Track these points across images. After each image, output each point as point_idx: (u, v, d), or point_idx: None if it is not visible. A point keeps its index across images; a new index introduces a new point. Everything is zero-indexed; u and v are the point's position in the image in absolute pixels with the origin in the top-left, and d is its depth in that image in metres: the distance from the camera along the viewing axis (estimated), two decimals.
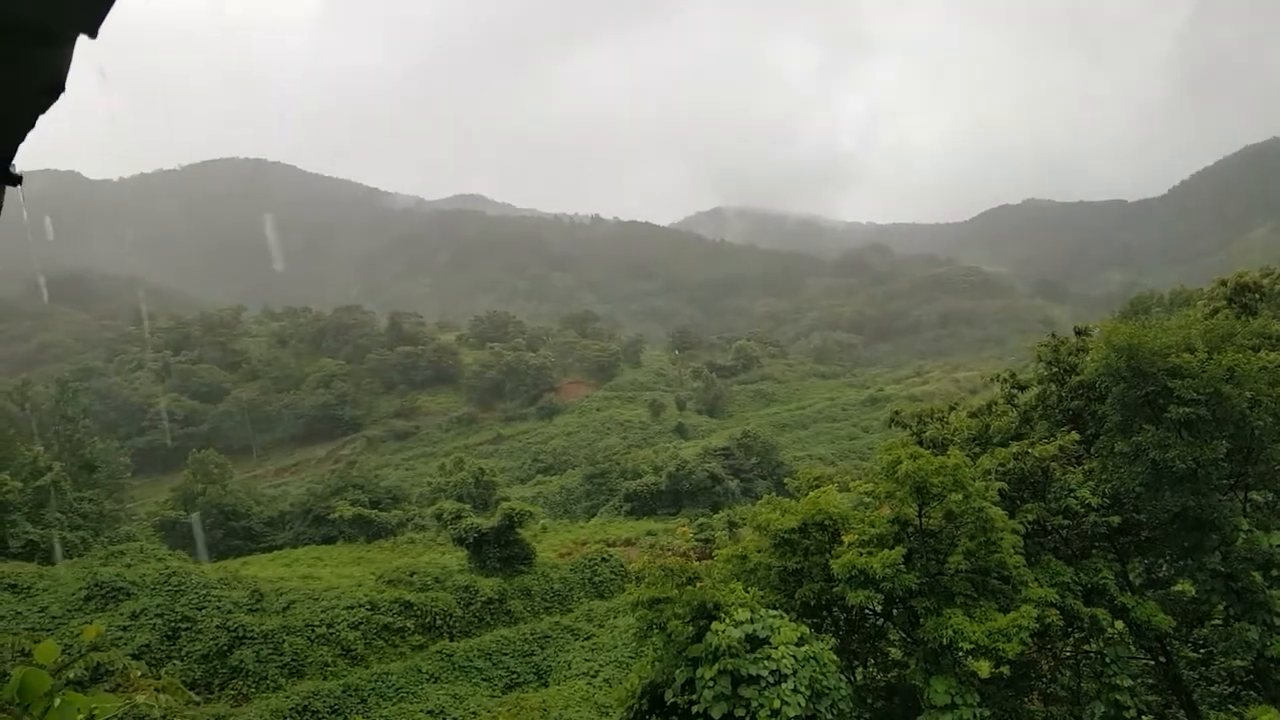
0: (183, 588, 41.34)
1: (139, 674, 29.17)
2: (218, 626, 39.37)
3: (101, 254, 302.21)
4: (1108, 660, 17.32)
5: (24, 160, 2.55)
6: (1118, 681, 17.00)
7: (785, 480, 23.66)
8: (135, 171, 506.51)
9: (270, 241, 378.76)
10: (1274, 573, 18.04)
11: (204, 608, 40.38)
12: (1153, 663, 19.70)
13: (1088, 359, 21.43)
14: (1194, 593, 19.11)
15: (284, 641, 39.91)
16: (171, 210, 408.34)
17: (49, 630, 36.96)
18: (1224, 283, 29.56)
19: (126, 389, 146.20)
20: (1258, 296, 28.73)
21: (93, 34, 2.28)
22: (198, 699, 34.35)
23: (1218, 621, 19.41)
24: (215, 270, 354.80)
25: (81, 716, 2.12)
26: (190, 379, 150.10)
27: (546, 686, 41.17)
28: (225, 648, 38.73)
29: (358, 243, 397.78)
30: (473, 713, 37.03)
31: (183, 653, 37.97)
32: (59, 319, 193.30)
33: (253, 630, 39.80)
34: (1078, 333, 24.86)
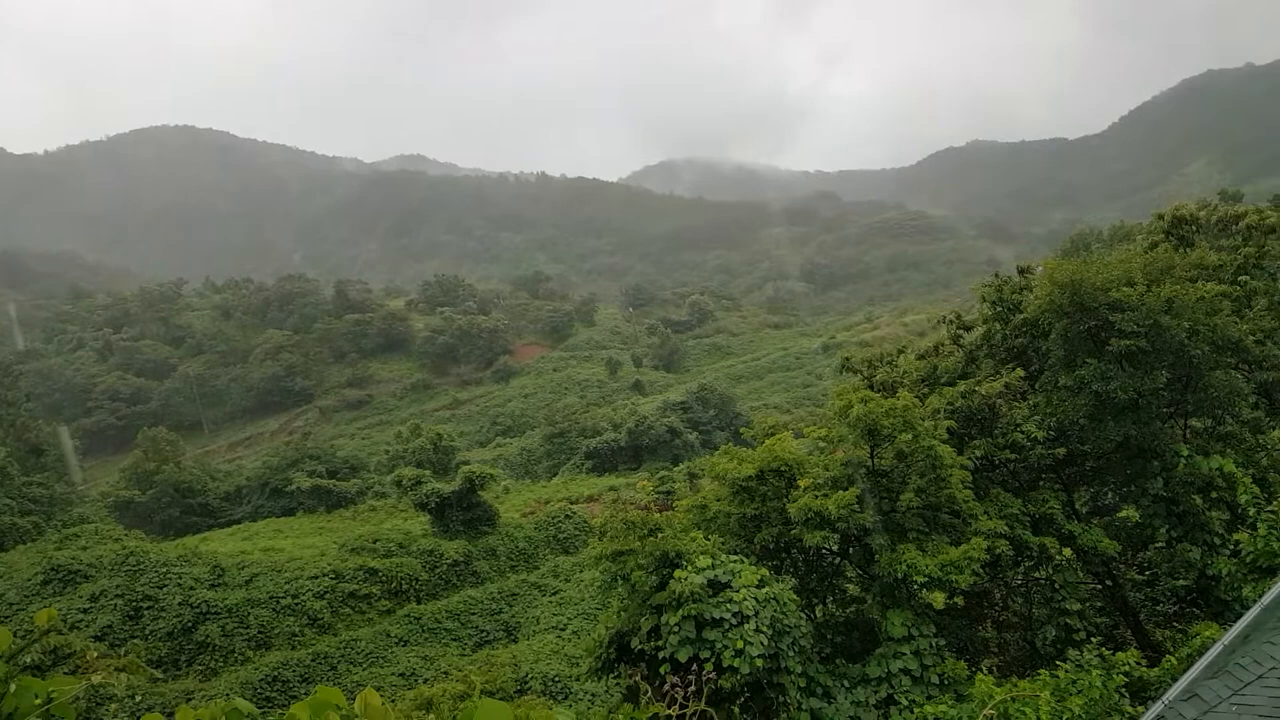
0: (142, 567, 40.83)
1: (95, 655, 28.88)
2: (180, 604, 39.03)
3: (31, 231, 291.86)
4: (1057, 586, 17.93)
5: None
6: (1067, 605, 17.60)
7: (742, 430, 23.94)
8: (61, 143, 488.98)
9: (207, 210, 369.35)
10: (1213, 495, 18.62)
11: (165, 586, 39.97)
12: (1100, 586, 20.40)
13: (1031, 297, 21.85)
14: (1138, 518, 19.77)
15: (249, 614, 39.73)
16: (102, 182, 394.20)
17: (6, 618, 36.36)
18: (1162, 216, 30.23)
19: (69, 370, 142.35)
20: (1194, 228, 29.47)
21: None
22: (161, 675, 34.16)
23: (1161, 544, 20.14)
24: (152, 242, 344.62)
25: (39, 700, 2.13)
26: (134, 356, 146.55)
27: (516, 642, 41.59)
28: (189, 624, 38.46)
29: (298, 209, 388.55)
30: (444, 672, 37.29)
31: (146, 632, 37.62)
32: None
33: (216, 605, 39.55)
34: (1021, 272, 25.31)
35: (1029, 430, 18.94)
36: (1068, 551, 17.82)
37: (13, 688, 2.13)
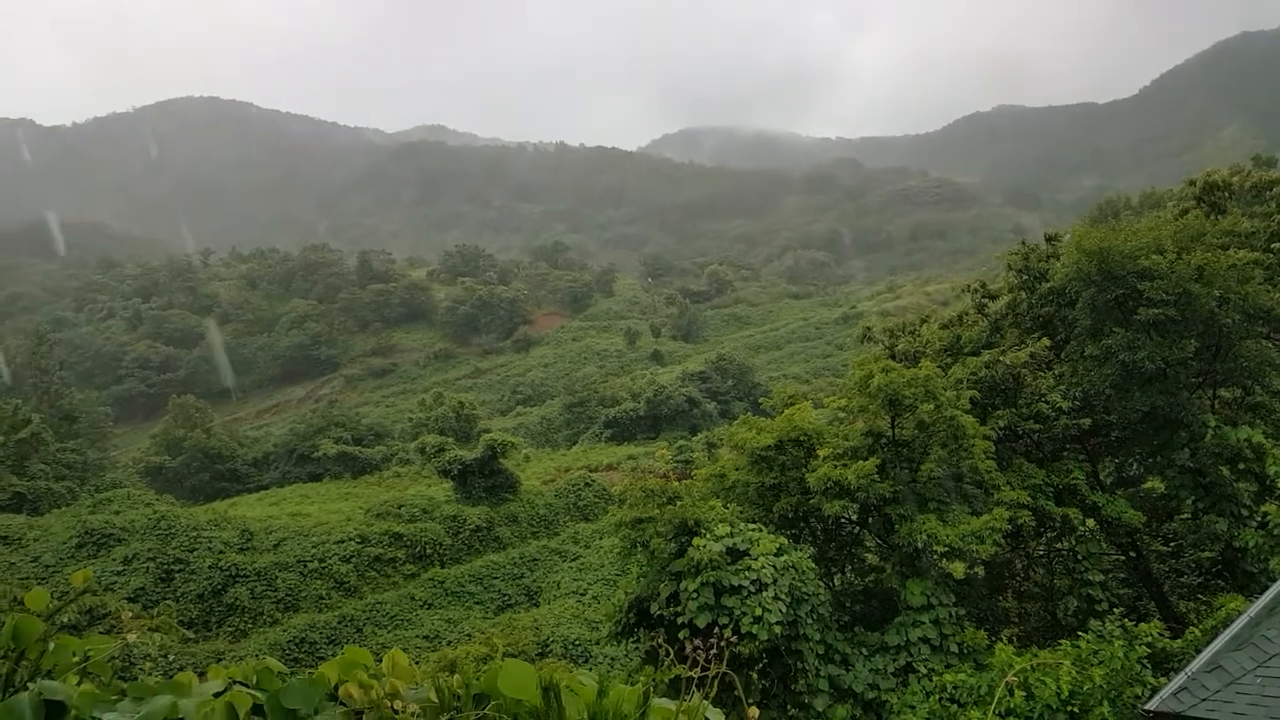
0: (173, 531, 41.64)
1: (130, 615, 29.52)
2: (210, 567, 39.81)
3: (62, 201, 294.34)
4: (1080, 557, 17.84)
5: None
6: (1089, 577, 17.53)
7: (761, 400, 23.90)
8: (89, 116, 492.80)
9: (232, 181, 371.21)
10: (1241, 466, 18.37)
11: (195, 549, 40.76)
12: (1124, 558, 20.29)
13: (1058, 265, 21.54)
14: (1163, 489, 19.57)
15: (277, 578, 40.46)
16: (130, 153, 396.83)
17: (43, 579, 37.24)
18: (1193, 183, 29.57)
19: (99, 338, 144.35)
20: (1227, 195, 28.81)
21: None
22: (192, 636, 34.91)
23: (1186, 515, 19.96)
24: (178, 213, 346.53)
25: (76, 658, 2.20)
26: (163, 325, 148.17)
27: (537, 606, 42.12)
28: (219, 587, 39.25)
29: (321, 180, 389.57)
30: (467, 635, 37.86)
31: (177, 594, 38.44)
32: (25, 270, 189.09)
33: (245, 569, 40.29)
34: (1048, 239, 24.95)
35: (1054, 400, 18.77)
36: (1091, 522, 17.72)
37: (51, 646, 2.19)
